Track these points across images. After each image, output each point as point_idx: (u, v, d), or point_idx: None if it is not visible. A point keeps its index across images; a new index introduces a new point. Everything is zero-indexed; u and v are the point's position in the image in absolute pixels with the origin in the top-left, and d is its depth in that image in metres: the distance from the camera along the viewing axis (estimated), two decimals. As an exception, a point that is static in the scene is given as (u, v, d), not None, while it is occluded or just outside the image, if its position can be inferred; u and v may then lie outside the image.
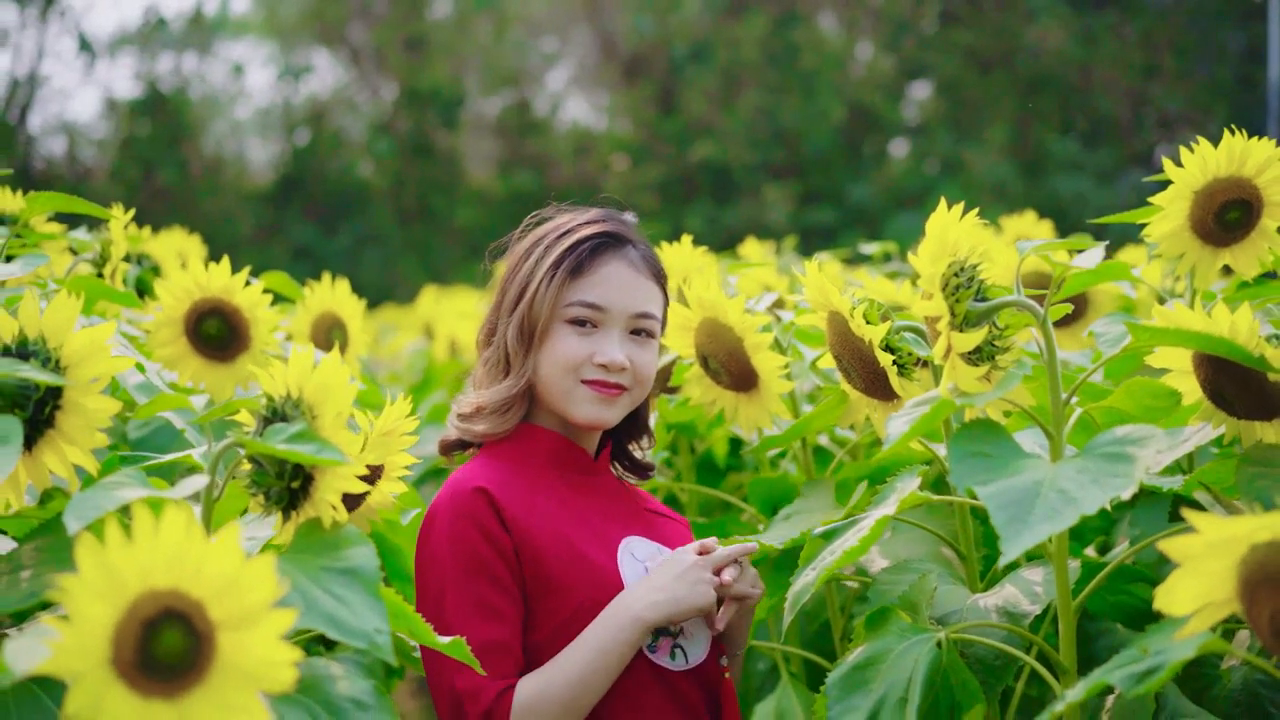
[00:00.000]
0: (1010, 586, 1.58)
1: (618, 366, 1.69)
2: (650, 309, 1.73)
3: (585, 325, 1.70)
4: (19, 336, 1.31)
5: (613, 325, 1.71)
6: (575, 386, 1.70)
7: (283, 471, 1.30)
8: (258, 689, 0.97)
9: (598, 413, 1.70)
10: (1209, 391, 1.48)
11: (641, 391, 1.74)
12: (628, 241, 1.75)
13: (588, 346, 1.70)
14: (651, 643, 1.64)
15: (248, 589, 0.97)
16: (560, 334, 1.70)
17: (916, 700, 1.32)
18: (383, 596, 1.24)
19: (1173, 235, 1.69)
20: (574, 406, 1.70)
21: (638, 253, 1.75)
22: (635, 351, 1.71)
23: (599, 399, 1.70)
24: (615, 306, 1.71)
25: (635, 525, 1.74)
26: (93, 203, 1.91)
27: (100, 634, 0.93)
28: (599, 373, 1.69)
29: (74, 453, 1.30)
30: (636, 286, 1.73)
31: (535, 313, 1.71)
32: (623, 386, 1.71)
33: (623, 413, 1.73)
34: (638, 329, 1.72)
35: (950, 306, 1.38)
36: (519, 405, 1.74)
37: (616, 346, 1.69)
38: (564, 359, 1.69)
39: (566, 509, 1.70)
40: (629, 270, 1.73)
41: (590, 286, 1.71)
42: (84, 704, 0.92)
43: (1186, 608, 1.10)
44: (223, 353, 2.07)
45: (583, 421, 1.71)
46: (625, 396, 1.72)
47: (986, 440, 1.32)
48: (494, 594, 1.61)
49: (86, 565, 0.93)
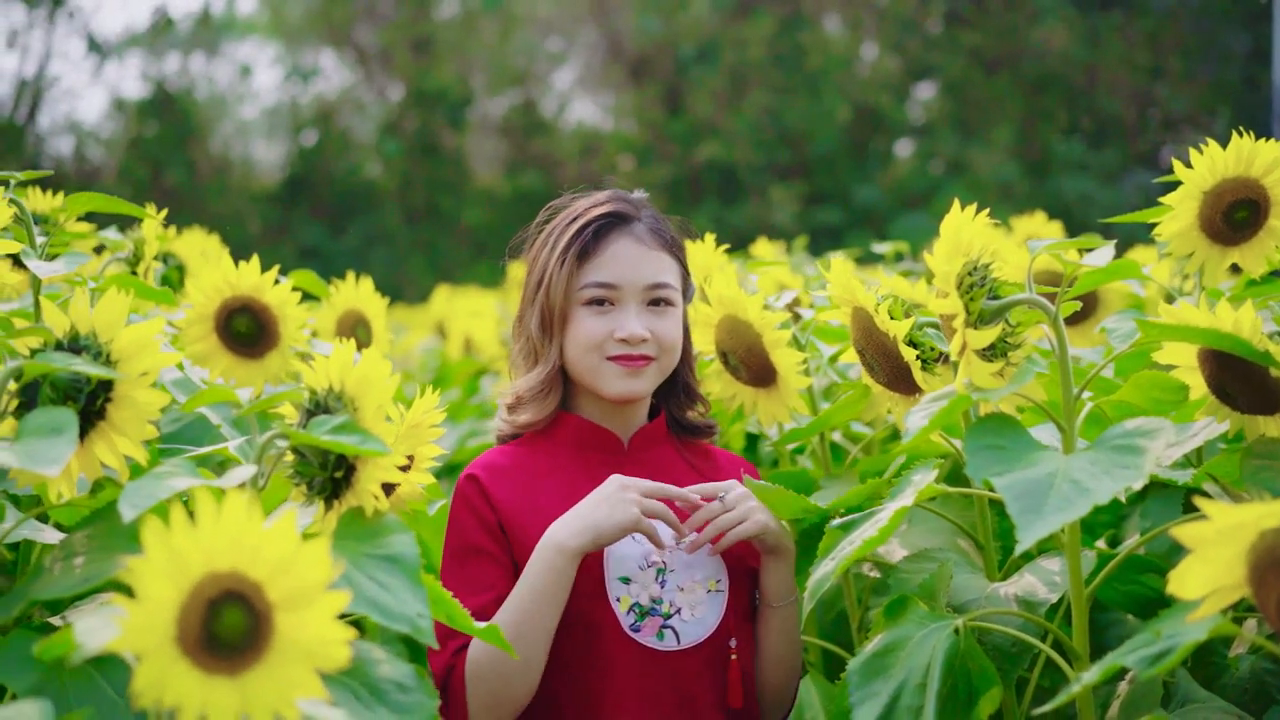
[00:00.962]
0: (1029, 576, 1.62)
1: (638, 339, 1.75)
2: (663, 278, 1.79)
3: (602, 304, 1.77)
4: (71, 332, 1.36)
5: (628, 300, 1.77)
6: (601, 364, 1.77)
7: (326, 462, 1.35)
8: (314, 666, 1.02)
9: (626, 386, 1.77)
10: (1213, 386, 1.52)
11: (669, 359, 1.80)
12: (632, 218, 1.81)
13: (607, 324, 1.76)
14: (636, 622, 1.69)
15: (304, 571, 1.02)
16: (580, 316, 1.77)
17: (935, 685, 1.36)
18: (423, 583, 1.29)
19: (1182, 234, 1.73)
20: (604, 383, 1.77)
21: (644, 226, 1.81)
22: (654, 321, 1.77)
23: (626, 372, 1.76)
24: (627, 281, 1.77)
25: None
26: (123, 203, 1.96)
27: (166, 613, 0.98)
28: (621, 347, 1.76)
29: (124, 444, 1.35)
30: (646, 259, 1.78)
31: (552, 300, 1.79)
32: (648, 356, 1.77)
33: (653, 382, 1.79)
34: (654, 299, 1.78)
35: (965, 304, 1.43)
36: (554, 390, 1.81)
37: (634, 320, 1.76)
38: (586, 339, 1.76)
39: (573, 490, 1.76)
40: (636, 245, 1.78)
41: (600, 267, 1.77)
42: (151, 680, 0.97)
43: (1198, 592, 1.14)
44: (252, 349, 2.12)
45: (614, 396, 1.77)
46: (653, 366, 1.78)
47: (1001, 433, 1.37)
48: (481, 568, 1.71)
49: (153, 548, 0.98)
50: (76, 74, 22.14)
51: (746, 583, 1.78)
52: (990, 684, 1.41)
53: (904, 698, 1.38)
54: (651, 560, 1.73)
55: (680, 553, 1.73)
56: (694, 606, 1.72)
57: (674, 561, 1.73)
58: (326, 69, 18.49)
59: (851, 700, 1.40)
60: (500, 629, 1.46)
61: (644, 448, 1.84)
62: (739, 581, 1.76)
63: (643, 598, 1.71)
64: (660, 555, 1.73)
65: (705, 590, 1.73)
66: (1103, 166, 14.97)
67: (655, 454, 1.84)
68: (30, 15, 16.43)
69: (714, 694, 1.72)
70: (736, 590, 1.75)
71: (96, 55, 16.82)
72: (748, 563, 1.78)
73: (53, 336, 1.35)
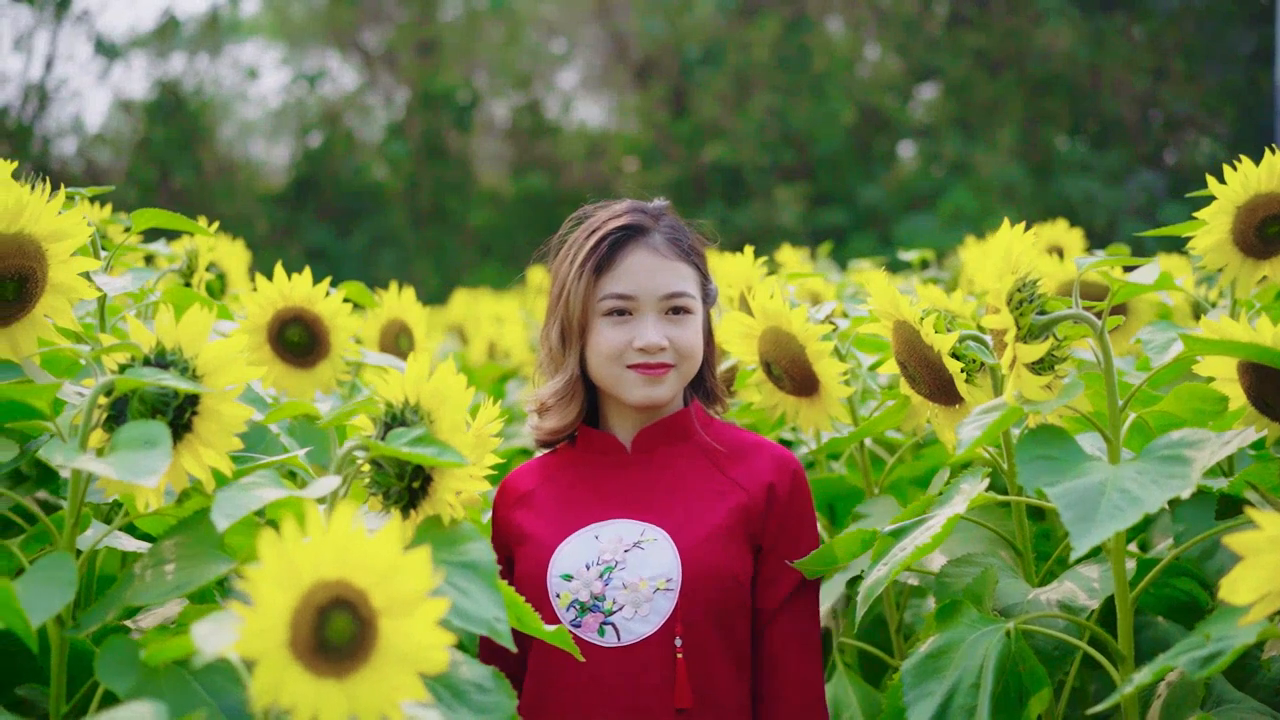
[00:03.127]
0: (1068, 582, 1.68)
1: (656, 348, 1.81)
2: (680, 287, 1.84)
3: (621, 315, 1.83)
4: (157, 347, 1.41)
5: (646, 310, 1.83)
6: (623, 373, 1.83)
7: (403, 473, 1.41)
8: (416, 670, 1.08)
9: (647, 393, 1.83)
10: (1253, 398, 1.57)
11: (689, 365, 1.85)
12: (649, 229, 1.87)
13: (626, 334, 1.83)
14: (576, 618, 1.76)
15: (406, 579, 1.08)
16: (600, 328, 1.84)
17: (989, 686, 1.42)
18: (499, 587, 1.35)
19: (1216, 248, 1.79)
20: (626, 391, 1.84)
21: (661, 237, 1.86)
22: (673, 330, 1.83)
23: (646, 380, 1.83)
24: (643, 292, 1.83)
25: (637, 506, 1.83)
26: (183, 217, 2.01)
27: (280, 619, 1.03)
28: (640, 356, 1.82)
29: (210, 455, 1.40)
30: (662, 269, 1.84)
31: (571, 312, 1.85)
32: (667, 364, 1.83)
33: (674, 388, 1.84)
34: (672, 308, 1.84)
35: (1015, 319, 1.48)
36: (575, 398, 1.88)
37: (652, 330, 1.82)
38: (607, 350, 1.83)
39: (571, 493, 1.86)
40: (652, 256, 1.84)
41: (617, 279, 1.83)
42: (268, 683, 1.03)
43: (1249, 598, 1.20)
44: (304, 359, 2.18)
45: (636, 403, 1.84)
46: (673, 373, 1.84)
47: (1052, 444, 1.43)
48: None
49: (268, 557, 1.03)
50: (83, 76, 22.18)
51: (717, 584, 1.77)
52: (1040, 685, 1.47)
53: (957, 698, 1.43)
54: (603, 559, 1.78)
55: (638, 551, 1.78)
56: (639, 605, 1.75)
57: (627, 560, 1.77)
58: (332, 71, 18.54)
59: (906, 700, 1.45)
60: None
61: (650, 448, 1.88)
62: (702, 582, 1.76)
63: (583, 594, 1.77)
64: (614, 553, 1.78)
65: (654, 589, 1.75)
66: (1106, 167, 15.02)
67: (665, 452, 1.88)
68: (36, 17, 16.48)
69: (666, 692, 1.74)
70: (696, 590, 1.75)
71: (104, 57, 16.87)
72: (723, 564, 1.77)
73: (140, 352, 1.41)
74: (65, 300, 1.57)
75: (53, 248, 1.54)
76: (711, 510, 1.82)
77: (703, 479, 1.85)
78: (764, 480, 1.84)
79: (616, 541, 1.79)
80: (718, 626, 1.77)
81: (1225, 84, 15.25)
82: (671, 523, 1.80)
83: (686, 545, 1.77)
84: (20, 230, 1.51)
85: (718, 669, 1.77)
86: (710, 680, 1.77)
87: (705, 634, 1.76)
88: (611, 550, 1.79)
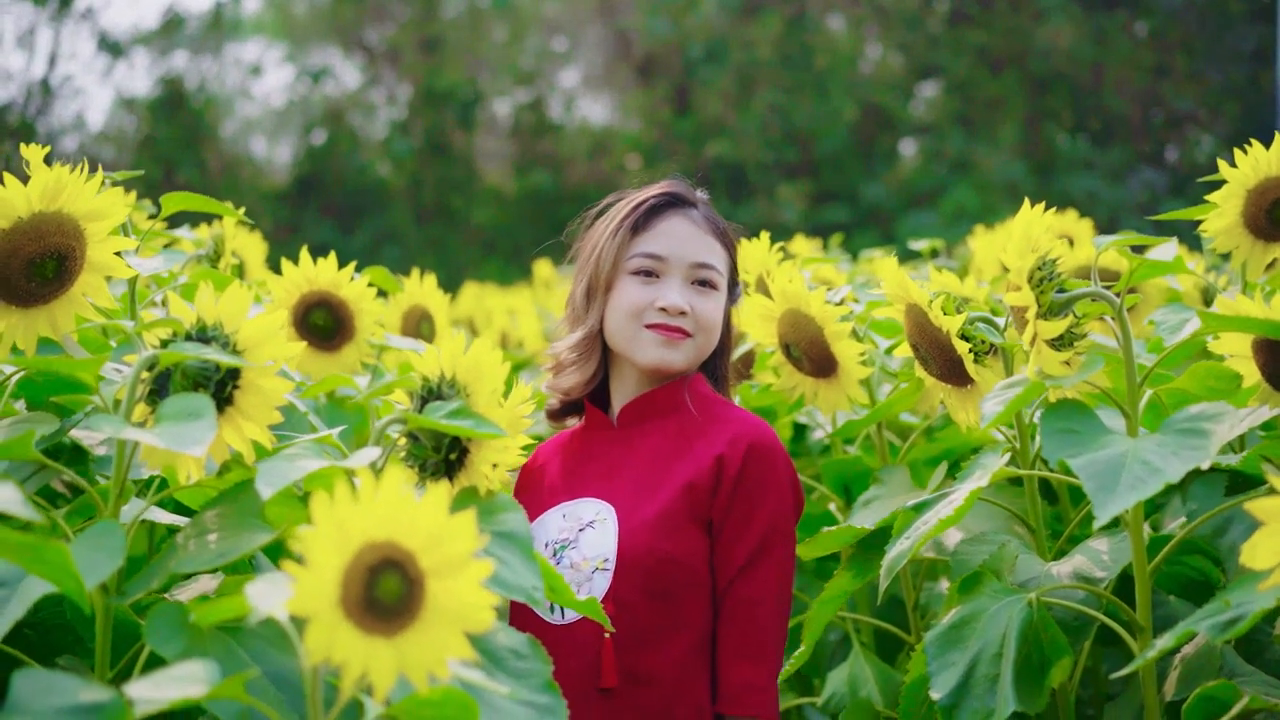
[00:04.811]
0: (1080, 556, 1.71)
1: (676, 310, 1.81)
2: (711, 260, 1.85)
3: (649, 275, 1.84)
4: (198, 323, 1.44)
5: (674, 274, 1.84)
6: (640, 332, 1.83)
7: (440, 445, 1.44)
8: (462, 629, 1.11)
9: (661, 355, 1.82)
10: (1267, 374, 1.61)
11: (706, 339, 1.85)
12: (690, 203, 1.89)
13: (650, 294, 1.83)
14: None
15: (452, 541, 1.11)
16: (625, 285, 1.84)
17: (1012, 655, 1.45)
18: (535, 557, 1.38)
19: (1227, 231, 1.82)
20: (639, 351, 1.83)
21: (700, 213, 1.89)
22: (696, 299, 1.83)
23: (662, 341, 1.82)
24: (674, 255, 1.84)
25: (602, 484, 1.82)
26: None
27: (332, 579, 1.07)
28: (660, 316, 1.82)
29: (251, 428, 1.43)
30: (696, 239, 1.86)
31: (601, 268, 1.86)
32: (685, 331, 1.82)
33: (688, 357, 1.83)
34: (699, 279, 1.84)
35: (1036, 297, 1.52)
36: (592, 356, 1.88)
37: (677, 292, 1.82)
38: (628, 306, 1.83)
39: (563, 470, 1.88)
40: (689, 225, 1.86)
41: (651, 239, 1.85)
42: (320, 640, 1.06)
43: (1269, 562, 1.23)
44: (329, 343, 2.21)
45: (648, 365, 1.83)
46: (689, 342, 1.83)
47: (1074, 418, 1.46)
48: None
49: (321, 519, 1.07)
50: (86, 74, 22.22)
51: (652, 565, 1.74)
52: (1062, 654, 1.50)
53: (980, 667, 1.47)
54: (560, 537, 1.79)
55: (590, 530, 1.78)
56: (579, 584, 1.75)
57: (580, 539, 1.78)
58: (335, 69, 18.56)
59: (930, 669, 1.49)
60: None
61: (632, 422, 1.87)
62: (635, 562, 1.74)
63: None
64: (570, 532, 1.79)
65: (593, 569, 1.75)
66: (1108, 165, 15.04)
67: (643, 428, 1.85)
68: (39, 15, 16.51)
69: (596, 672, 1.73)
70: (629, 570, 1.74)
71: (108, 54, 16.89)
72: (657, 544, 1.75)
73: (181, 328, 1.44)
74: (102, 279, 1.61)
75: (91, 227, 1.58)
76: (664, 487, 1.79)
77: (670, 454, 1.82)
78: (713, 454, 1.79)
79: (576, 520, 1.80)
80: (659, 605, 1.74)
81: (1227, 82, 15.27)
82: (623, 501, 1.79)
83: (627, 525, 1.76)
84: (60, 209, 1.54)
85: (657, 648, 1.73)
86: (645, 659, 1.73)
87: (640, 614, 1.73)
88: (569, 529, 1.80)
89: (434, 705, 1.17)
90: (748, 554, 1.75)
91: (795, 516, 1.80)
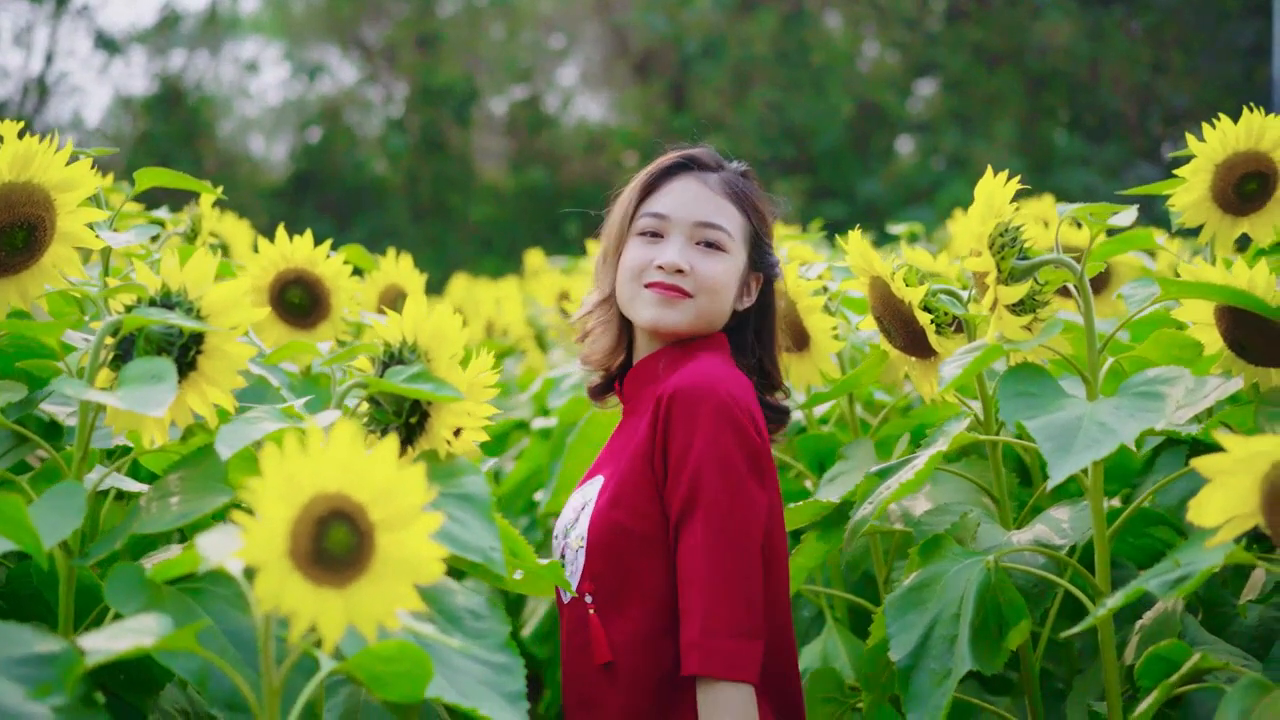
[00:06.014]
0: (1040, 525, 1.73)
1: (673, 267, 1.75)
2: (717, 220, 1.79)
3: (654, 236, 1.80)
4: (163, 289, 1.45)
5: (677, 233, 1.79)
6: (640, 290, 1.79)
7: (400, 409, 1.45)
8: (411, 581, 1.12)
9: (656, 314, 1.77)
10: (1229, 341, 1.62)
11: (710, 300, 1.77)
12: (708, 167, 1.84)
13: (652, 253, 1.79)
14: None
15: (402, 494, 1.12)
16: (631, 245, 1.82)
17: (969, 616, 1.46)
18: (494, 518, 1.39)
19: (1195, 205, 1.83)
20: (638, 309, 1.79)
21: (716, 176, 1.83)
22: (698, 259, 1.77)
23: (658, 299, 1.76)
24: (678, 214, 1.79)
25: (607, 463, 1.82)
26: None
27: (281, 530, 1.08)
28: (658, 274, 1.77)
29: (214, 393, 1.44)
30: (704, 199, 1.80)
31: (612, 230, 1.85)
32: (683, 290, 1.76)
33: (688, 318, 1.77)
34: (704, 239, 1.78)
35: (997, 263, 1.53)
36: (611, 321, 1.85)
37: (676, 251, 1.77)
38: (631, 265, 1.80)
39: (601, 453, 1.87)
40: (698, 186, 1.81)
41: (658, 199, 1.82)
42: (269, 589, 1.07)
43: (1215, 519, 1.24)
44: (304, 320, 2.22)
45: (646, 324, 1.79)
46: (689, 303, 1.76)
47: (1032, 381, 1.47)
48: None
49: (270, 470, 1.08)
50: (83, 71, 22.24)
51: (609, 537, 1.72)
52: (1020, 616, 1.51)
53: (939, 628, 1.48)
54: (572, 518, 1.79)
55: (585, 511, 1.76)
56: (570, 564, 1.75)
57: (579, 520, 1.77)
58: (332, 66, 18.58)
59: (889, 631, 1.50)
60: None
61: (633, 395, 1.84)
62: (597, 537, 1.73)
63: (559, 549, 1.80)
64: (577, 513, 1.77)
65: (578, 548, 1.75)
66: (1105, 161, 15.05)
67: (640, 397, 1.82)
68: (35, 12, 16.52)
69: (590, 650, 1.73)
70: (594, 546, 1.73)
71: (104, 52, 16.91)
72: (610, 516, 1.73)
73: (146, 294, 1.45)
74: (73, 250, 1.62)
75: (61, 197, 1.59)
76: (624, 457, 1.77)
77: (646, 425, 1.76)
78: (647, 418, 1.74)
79: (582, 501, 1.79)
80: (618, 576, 1.72)
81: (1223, 78, 15.28)
82: (610, 478, 1.77)
83: (598, 502, 1.75)
84: (30, 179, 1.56)
85: (621, 618, 1.71)
86: (613, 631, 1.71)
87: (607, 585, 1.72)
88: (576, 510, 1.79)
89: (387, 660, 1.18)
90: (680, 506, 1.67)
91: (742, 466, 1.67)
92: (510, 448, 3.70)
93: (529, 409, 3.59)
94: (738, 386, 1.72)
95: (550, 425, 3.04)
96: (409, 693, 1.20)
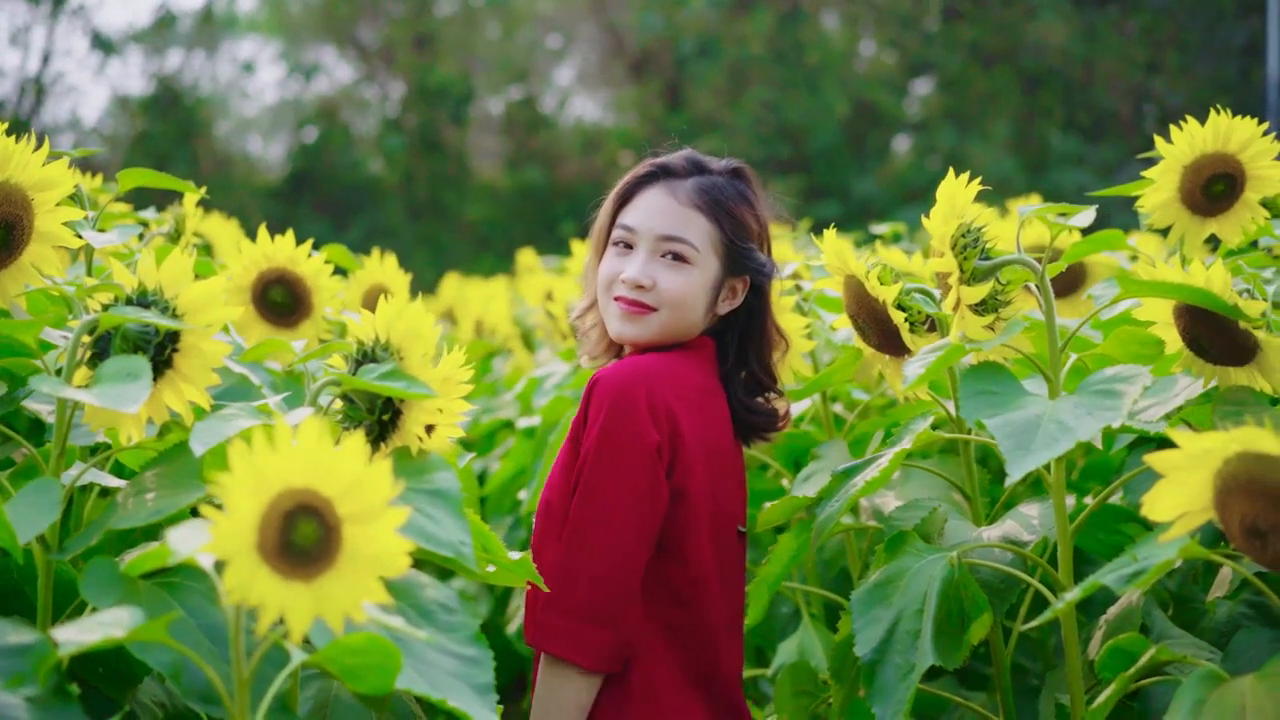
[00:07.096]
0: (1011, 521, 1.75)
1: (632, 283, 1.80)
2: (680, 233, 1.81)
3: (625, 247, 1.85)
4: (139, 288, 1.47)
5: (643, 246, 1.83)
6: (610, 303, 1.85)
7: (374, 406, 1.47)
8: (378, 574, 1.14)
9: (621, 328, 1.83)
10: (1188, 340, 1.64)
11: (674, 314, 1.80)
12: (680, 176, 1.87)
13: (621, 265, 1.84)
14: None
15: (370, 489, 1.14)
16: (606, 255, 1.88)
17: (932, 610, 1.49)
18: (465, 514, 1.42)
19: (1163, 206, 1.85)
20: (609, 321, 1.87)
21: (688, 185, 1.85)
22: (661, 273, 1.81)
23: (622, 314, 1.82)
24: (643, 228, 1.83)
25: None
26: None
27: (249, 523, 1.10)
28: (623, 289, 1.83)
29: (190, 391, 1.46)
30: (670, 212, 1.83)
31: (594, 239, 1.92)
32: (646, 305, 1.81)
33: (653, 331, 1.81)
34: (667, 252, 1.81)
35: (959, 263, 1.55)
36: (598, 320, 1.92)
37: (638, 265, 1.82)
38: (603, 276, 1.87)
39: None
40: (666, 198, 1.84)
41: (629, 211, 1.87)
42: (237, 582, 1.10)
43: (1169, 514, 1.27)
44: (286, 319, 2.24)
45: (613, 336, 1.86)
46: (653, 317, 1.81)
47: (993, 380, 1.50)
48: None
49: (238, 465, 1.10)
50: (79, 71, 22.26)
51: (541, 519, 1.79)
52: (981, 610, 1.54)
53: (903, 622, 1.50)
54: None
55: None
56: None
57: None
58: (328, 65, 18.60)
59: (855, 626, 1.52)
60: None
61: None
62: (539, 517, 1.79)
63: None
64: None
65: None
66: (1100, 161, 15.09)
67: None
68: (32, 12, 16.54)
69: None
70: (537, 526, 1.79)
71: (101, 52, 16.93)
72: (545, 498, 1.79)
73: (123, 293, 1.47)
74: (52, 249, 1.64)
75: (39, 196, 1.61)
76: (567, 443, 1.82)
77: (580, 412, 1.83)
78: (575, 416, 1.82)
79: None
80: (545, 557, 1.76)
81: (1218, 77, 15.31)
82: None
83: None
84: (7, 179, 1.58)
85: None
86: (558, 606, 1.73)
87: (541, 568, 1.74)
88: None
89: (357, 652, 1.20)
90: (576, 489, 1.75)
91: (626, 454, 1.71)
92: (497, 447, 3.73)
93: (515, 408, 3.62)
94: (662, 381, 1.75)
95: (535, 424, 3.06)
96: (379, 684, 1.23)
